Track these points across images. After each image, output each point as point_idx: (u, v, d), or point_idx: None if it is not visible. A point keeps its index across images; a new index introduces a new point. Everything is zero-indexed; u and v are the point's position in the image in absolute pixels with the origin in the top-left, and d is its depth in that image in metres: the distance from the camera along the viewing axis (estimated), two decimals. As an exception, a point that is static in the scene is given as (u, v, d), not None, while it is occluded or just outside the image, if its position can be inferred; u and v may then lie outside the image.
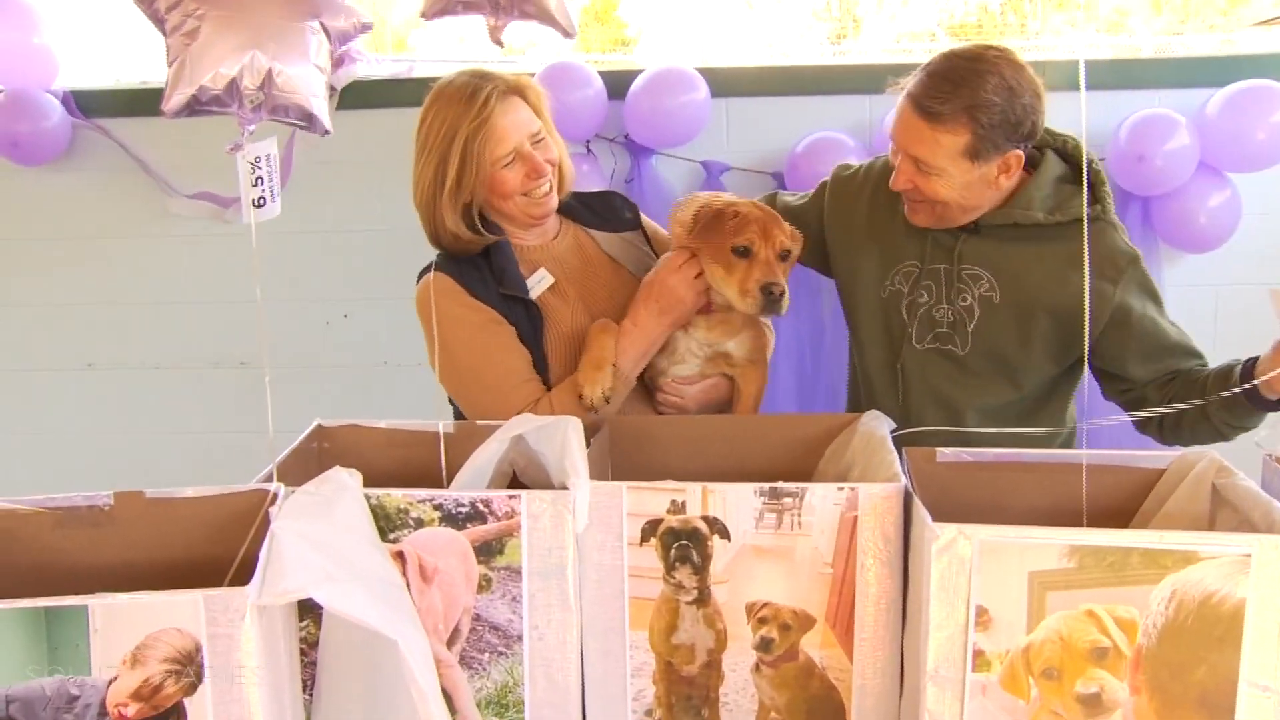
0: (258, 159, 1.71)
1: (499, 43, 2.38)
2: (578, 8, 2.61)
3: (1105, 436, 2.32)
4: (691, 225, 2.09)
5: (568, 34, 2.49)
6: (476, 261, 2.14)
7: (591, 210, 2.32)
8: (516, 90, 2.13)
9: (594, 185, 3.14)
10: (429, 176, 2.11)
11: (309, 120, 1.81)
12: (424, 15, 2.61)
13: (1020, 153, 2.01)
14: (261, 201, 1.74)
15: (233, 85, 1.68)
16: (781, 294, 2.01)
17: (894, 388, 2.21)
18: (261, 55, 1.68)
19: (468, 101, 2.09)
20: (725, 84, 3.32)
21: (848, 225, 2.27)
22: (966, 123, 1.94)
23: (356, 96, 3.44)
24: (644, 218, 2.37)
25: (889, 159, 2.18)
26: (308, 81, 1.76)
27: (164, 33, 1.77)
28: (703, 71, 3.27)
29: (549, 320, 2.13)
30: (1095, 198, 2.08)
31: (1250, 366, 1.92)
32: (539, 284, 2.16)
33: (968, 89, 1.93)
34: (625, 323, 2.09)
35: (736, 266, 2.03)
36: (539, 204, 2.14)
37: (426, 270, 2.16)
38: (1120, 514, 1.64)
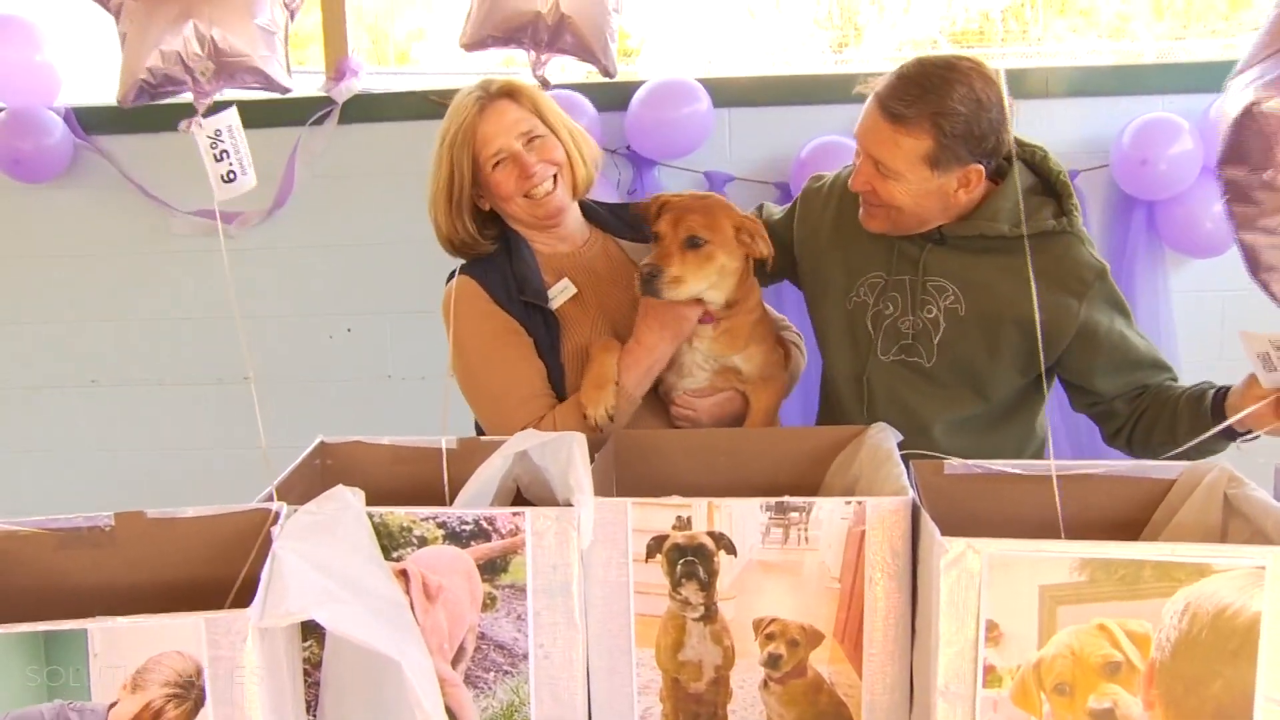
0: (217, 132, 1.68)
1: (541, 80, 2.40)
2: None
3: (1085, 447, 2.30)
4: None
5: (608, 73, 2.49)
6: (502, 267, 2.16)
7: (621, 220, 2.34)
8: (506, 93, 2.15)
9: (601, 197, 3.14)
10: (431, 185, 2.18)
11: (264, 80, 1.79)
12: (464, 45, 2.62)
13: (981, 168, 1.99)
14: (231, 176, 1.70)
15: (179, 60, 1.66)
16: (653, 275, 1.99)
17: (859, 399, 2.18)
18: (199, 23, 1.67)
19: (456, 108, 2.15)
20: (727, 94, 3.31)
21: (814, 236, 2.26)
22: (929, 129, 1.92)
23: (358, 110, 3.44)
24: None
25: (852, 167, 2.17)
26: (253, 40, 1.74)
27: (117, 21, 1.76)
28: (704, 82, 3.26)
29: (567, 331, 2.14)
30: (1061, 210, 2.06)
31: (1221, 396, 1.91)
32: (561, 293, 2.17)
33: (935, 95, 1.91)
34: (630, 341, 2.09)
35: (650, 250, 2.05)
36: (541, 204, 2.15)
37: (455, 274, 2.19)
38: (1130, 526, 1.62)
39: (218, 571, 1.47)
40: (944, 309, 2.08)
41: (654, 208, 2.08)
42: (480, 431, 2.21)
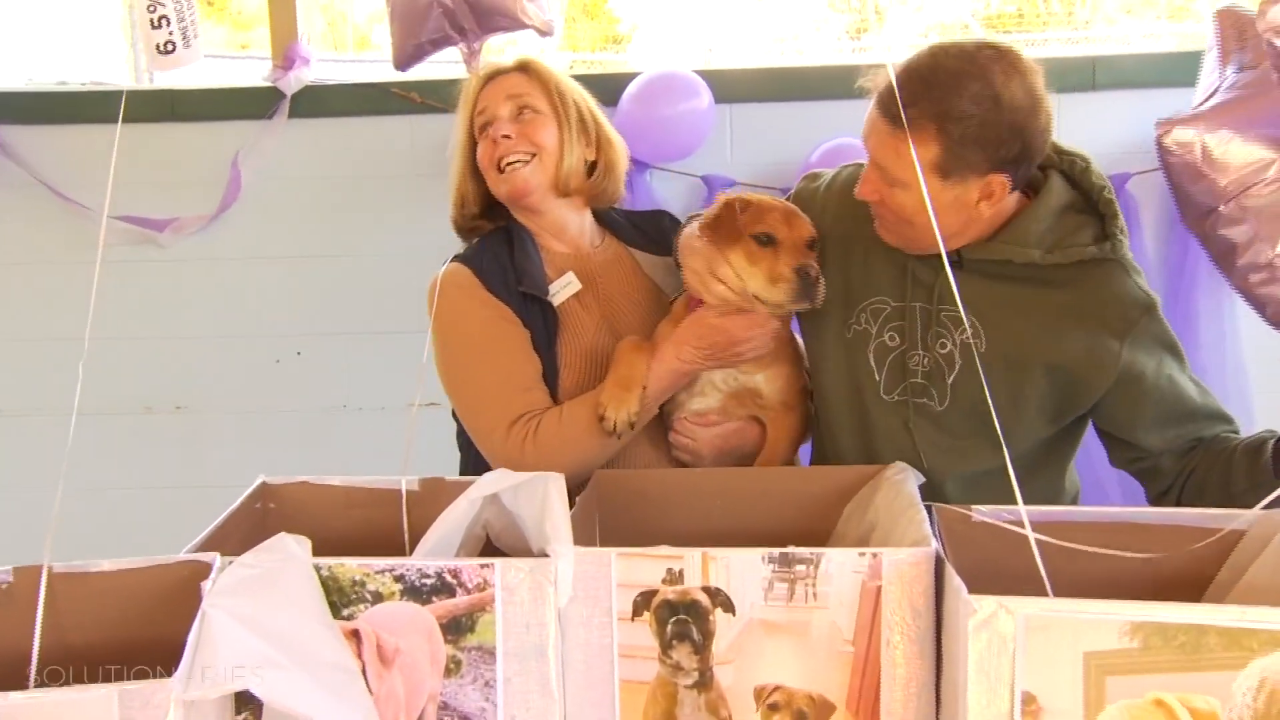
0: None
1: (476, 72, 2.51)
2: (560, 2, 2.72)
3: (1138, 499, 2.26)
4: (703, 229, 2.12)
5: (543, 33, 2.61)
6: (501, 257, 2.22)
7: (638, 229, 2.42)
8: (521, 66, 2.31)
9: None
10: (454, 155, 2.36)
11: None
12: (397, 67, 2.83)
13: (1004, 179, 1.92)
14: (170, 47, 1.68)
15: None
16: (818, 277, 2.03)
17: (858, 447, 2.14)
18: None
19: (472, 80, 2.35)
20: (729, 88, 3.32)
21: None
22: (934, 133, 1.86)
23: (311, 103, 3.44)
24: None
25: (855, 168, 2.15)
26: None
27: None
28: (703, 74, 3.27)
29: (566, 328, 2.19)
30: (1104, 233, 2.01)
31: None
32: (564, 288, 2.23)
33: (939, 92, 1.84)
34: (668, 352, 2.11)
35: (762, 255, 2.05)
36: (505, 178, 2.23)
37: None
38: (1192, 584, 1.61)
39: (138, 635, 1.46)
40: (959, 344, 2.03)
41: (735, 206, 2.10)
42: (465, 446, 2.26)
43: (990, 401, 1.65)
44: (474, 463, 2.20)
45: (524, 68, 2.29)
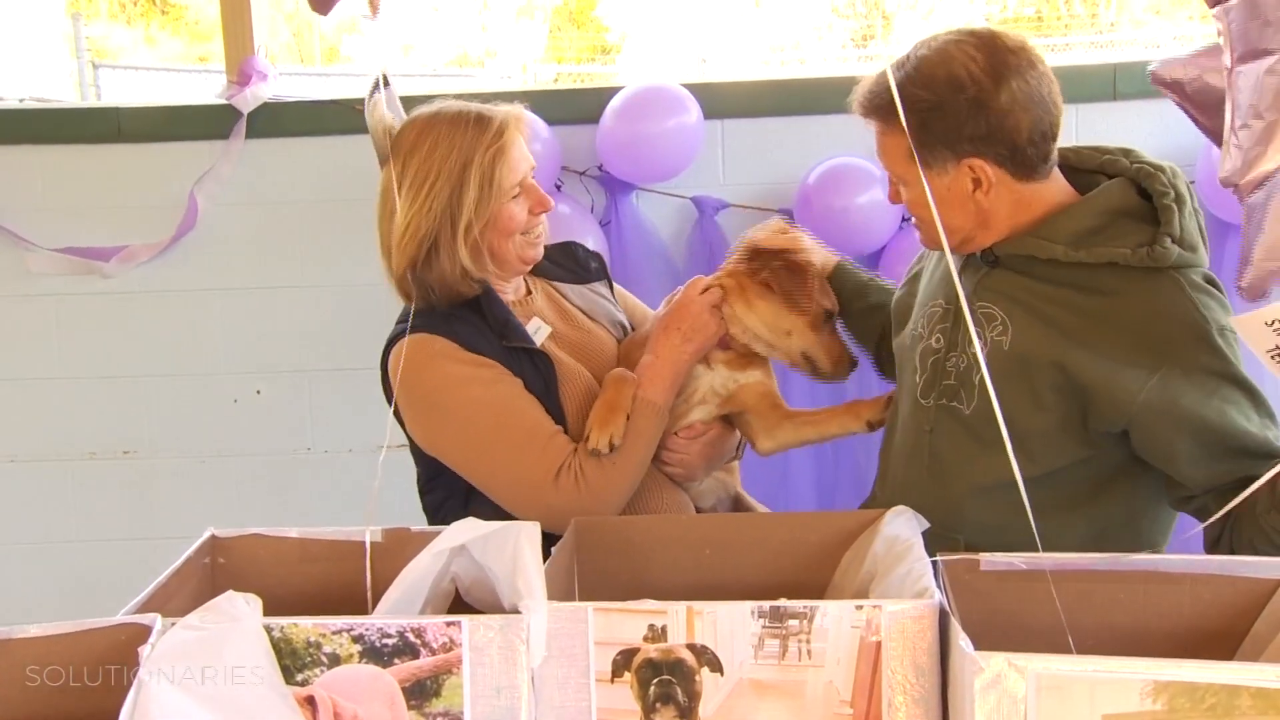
0: None
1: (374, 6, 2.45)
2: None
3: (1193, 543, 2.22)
4: (766, 259, 2.31)
5: None
6: (466, 317, 2.26)
7: (554, 263, 2.51)
8: (515, 121, 2.32)
9: (580, 225, 3.20)
10: (437, 212, 2.23)
11: None
12: None
13: (983, 163, 1.99)
14: None
15: None
16: (854, 362, 2.35)
17: (903, 455, 2.21)
18: None
19: (478, 125, 2.25)
20: (720, 102, 3.34)
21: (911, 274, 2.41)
22: (899, 120, 1.90)
23: (270, 122, 3.47)
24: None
25: None
26: None
27: None
28: (692, 88, 3.29)
29: (561, 372, 2.28)
30: (1150, 240, 1.97)
31: None
32: (538, 334, 2.32)
33: (900, 81, 1.95)
34: (645, 358, 2.28)
35: (823, 330, 2.31)
36: (533, 245, 2.34)
37: (400, 335, 2.23)
38: (1224, 639, 1.60)
39: (66, 711, 1.44)
40: (991, 341, 2.06)
41: (798, 267, 2.30)
42: (463, 498, 2.26)
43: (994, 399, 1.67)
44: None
45: (518, 125, 2.29)
